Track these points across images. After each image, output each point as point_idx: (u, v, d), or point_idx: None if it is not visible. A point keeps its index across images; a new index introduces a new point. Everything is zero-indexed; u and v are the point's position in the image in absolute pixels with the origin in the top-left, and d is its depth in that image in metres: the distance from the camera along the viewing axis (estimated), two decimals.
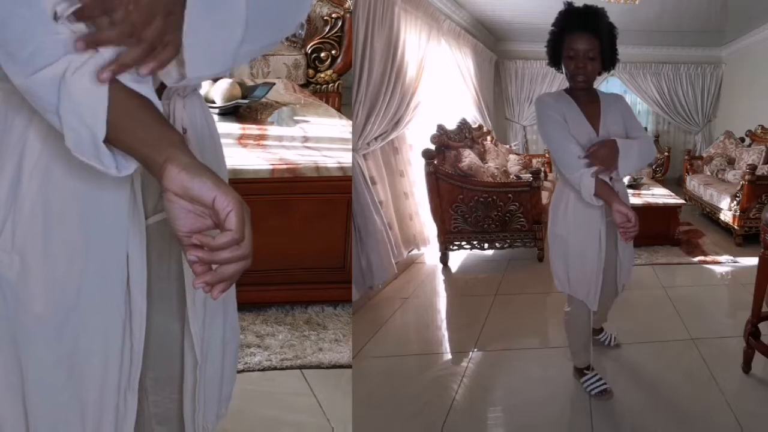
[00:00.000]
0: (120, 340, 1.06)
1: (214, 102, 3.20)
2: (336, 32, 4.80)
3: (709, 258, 3.79)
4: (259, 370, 2.42)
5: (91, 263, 1.01)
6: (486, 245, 3.89)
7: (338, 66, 4.85)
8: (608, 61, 2.05)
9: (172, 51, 0.89)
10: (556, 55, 2.06)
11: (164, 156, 0.86)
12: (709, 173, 4.97)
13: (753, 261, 2.40)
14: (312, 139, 3.08)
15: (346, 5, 4.78)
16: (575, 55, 1.97)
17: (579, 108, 2.04)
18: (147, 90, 0.89)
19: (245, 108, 3.38)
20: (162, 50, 0.88)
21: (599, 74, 2.09)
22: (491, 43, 6.16)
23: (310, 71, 4.79)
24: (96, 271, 1.02)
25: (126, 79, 0.87)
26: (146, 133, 0.87)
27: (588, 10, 2.01)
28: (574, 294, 2.11)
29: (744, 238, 3.94)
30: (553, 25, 2.05)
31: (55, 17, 0.84)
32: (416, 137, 4.08)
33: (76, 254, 1.00)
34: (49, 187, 0.97)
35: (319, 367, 2.49)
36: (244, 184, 2.54)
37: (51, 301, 1.00)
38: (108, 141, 0.86)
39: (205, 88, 3.19)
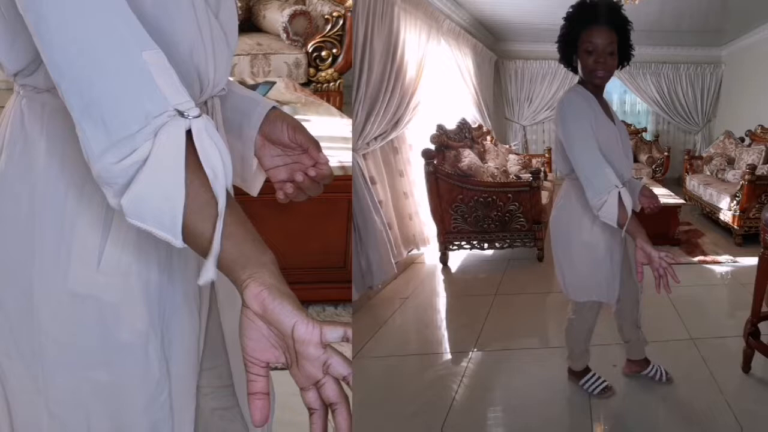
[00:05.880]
0: (195, 358, 1.09)
1: None
2: (337, 31, 4.80)
3: (708, 258, 3.79)
4: None
5: (176, 278, 1.03)
6: (486, 245, 3.89)
7: (339, 65, 4.85)
8: (623, 56, 1.98)
9: None
10: (569, 50, 1.97)
11: (248, 273, 0.81)
12: (708, 173, 4.97)
13: (753, 261, 2.40)
14: None
15: (347, 3, 4.78)
16: (594, 50, 1.89)
17: (600, 108, 1.98)
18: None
19: None
20: None
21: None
22: (491, 42, 6.16)
23: (311, 70, 4.79)
24: (181, 286, 1.04)
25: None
26: (235, 250, 0.82)
27: (607, 3, 1.93)
28: (597, 298, 2.07)
29: (744, 237, 3.94)
30: (567, 18, 1.96)
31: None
32: (416, 137, 4.07)
33: (165, 272, 1.01)
34: None
35: None
36: None
37: (150, 321, 1.01)
38: (185, 240, 0.82)
39: None
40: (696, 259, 3.79)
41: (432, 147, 3.88)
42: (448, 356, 2.70)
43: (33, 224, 0.97)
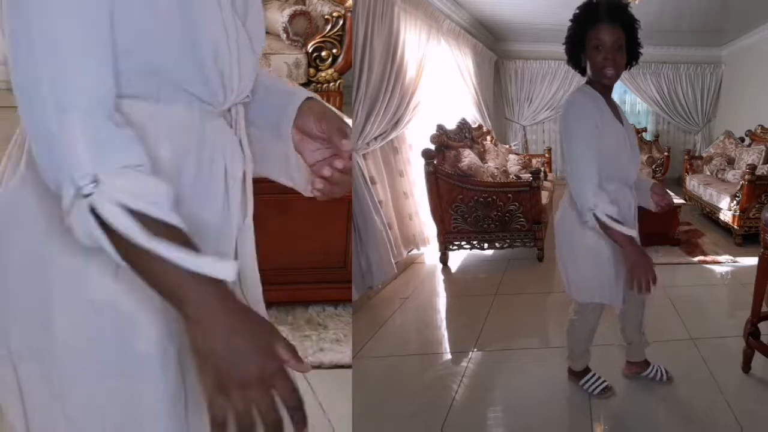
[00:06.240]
0: None
1: None
2: (337, 31, 4.79)
3: (708, 258, 3.79)
4: None
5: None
6: (486, 245, 3.89)
7: (339, 65, 4.84)
8: (631, 55, 1.95)
9: None
10: (576, 50, 1.95)
11: (175, 308, 0.85)
12: (708, 173, 4.97)
13: (753, 261, 2.40)
14: None
15: (347, 3, 4.78)
16: (602, 46, 1.87)
17: (609, 108, 1.95)
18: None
19: None
20: None
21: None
22: (491, 42, 6.17)
23: (311, 70, 4.78)
24: None
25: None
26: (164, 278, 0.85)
27: (613, 1, 1.92)
28: (600, 300, 2.05)
29: (744, 237, 3.94)
30: (573, 19, 1.95)
31: None
32: (416, 137, 4.08)
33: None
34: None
35: (319, 367, 2.49)
36: None
37: (167, 330, 0.99)
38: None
39: None
40: (696, 259, 3.80)
41: (432, 147, 3.88)
42: (448, 356, 2.70)
43: (51, 228, 0.96)
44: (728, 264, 3.69)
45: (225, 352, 0.82)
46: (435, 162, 3.76)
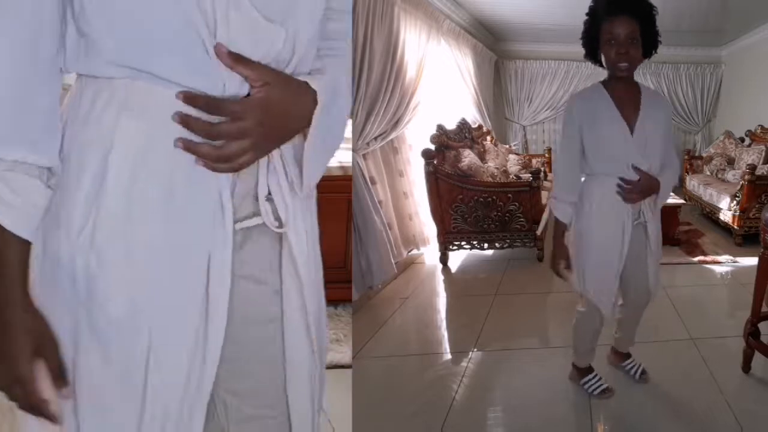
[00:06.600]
0: (194, 347, 1.00)
1: None
2: None
3: (708, 258, 3.79)
4: None
5: (172, 267, 0.97)
6: (486, 245, 3.89)
7: None
8: (649, 45, 1.91)
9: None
10: (592, 44, 1.93)
11: None
12: (708, 173, 4.97)
13: (753, 261, 2.40)
14: None
15: None
16: (616, 40, 1.84)
17: (615, 104, 1.92)
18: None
19: None
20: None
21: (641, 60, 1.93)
22: (491, 42, 6.16)
23: None
24: (176, 275, 0.98)
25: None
26: None
27: None
28: (586, 294, 2.05)
29: (744, 237, 3.94)
30: (589, 12, 1.93)
31: None
32: (416, 137, 4.07)
33: (156, 257, 0.96)
34: (134, 189, 0.94)
35: None
36: None
37: (128, 304, 0.96)
38: None
39: None
40: (696, 259, 3.80)
41: (432, 147, 3.88)
42: (448, 356, 2.70)
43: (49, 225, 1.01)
44: (728, 264, 3.69)
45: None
46: (435, 162, 3.76)
